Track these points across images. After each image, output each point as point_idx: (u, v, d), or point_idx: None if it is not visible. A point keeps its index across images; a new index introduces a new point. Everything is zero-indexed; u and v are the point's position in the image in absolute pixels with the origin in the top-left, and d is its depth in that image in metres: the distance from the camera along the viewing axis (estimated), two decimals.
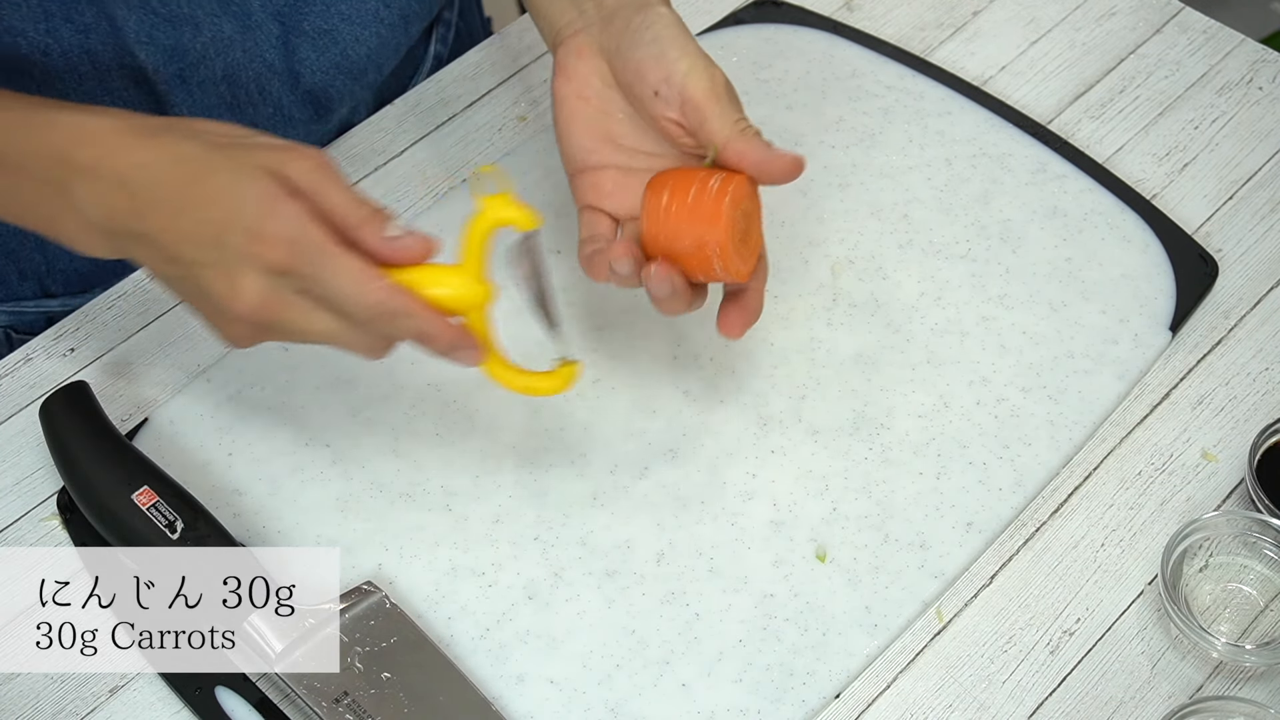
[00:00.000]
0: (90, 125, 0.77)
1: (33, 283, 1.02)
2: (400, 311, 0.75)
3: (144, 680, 0.81)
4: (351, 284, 0.74)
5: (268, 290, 0.74)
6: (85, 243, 0.79)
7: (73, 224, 0.78)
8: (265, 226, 0.73)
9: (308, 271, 0.74)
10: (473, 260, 0.78)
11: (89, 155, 0.76)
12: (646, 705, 0.80)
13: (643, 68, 0.84)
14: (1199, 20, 1.13)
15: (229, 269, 0.74)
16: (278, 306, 0.75)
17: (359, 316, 0.75)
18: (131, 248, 0.77)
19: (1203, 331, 0.96)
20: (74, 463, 0.84)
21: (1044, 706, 0.81)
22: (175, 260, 0.76)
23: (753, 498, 0.88)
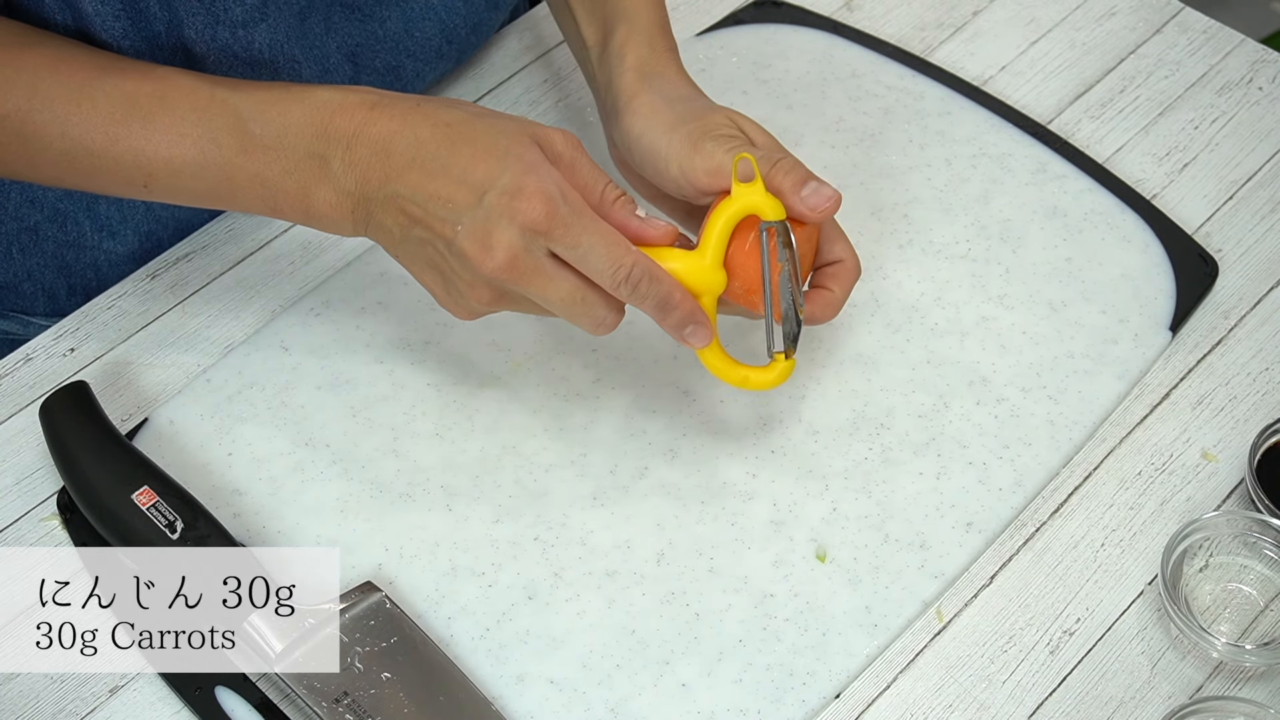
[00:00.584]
0: (350, 98, 0.80)
1: (80, 298, 1.02)
2: (650, 276, 0.78)
3: (144, 680, 0.81)
4: (607, 246, 0.77)
5: (520, 248, 0.76)
6: (333, 215, 0.81)
7: (325, 195, 0.80)
8: (527, 184, 0.76)
9: (564, 231, 0.76)
10: (715, 246, 0.80)
11: (349, 124, 0.79)
12: (646, 705, 0.80)
13: (644, 173, 0.86)
14: (1199, 20, 1.13)
15: (485, 225, 0.76)
16: (527, 266, 0.77)
17: (610, 279, 0.77)
18: (379, 214, 0.79)
19: (1203, 331, 0.96)
20: (74, 463, 0.84)
21: (1044, 706, 0.81)
22: (425, 222, 0.78)
23: (753, 498, 0.88)
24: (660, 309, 0.79)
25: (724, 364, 0.83)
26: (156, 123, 0.81)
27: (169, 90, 0.82)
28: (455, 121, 0.79)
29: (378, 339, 0.94)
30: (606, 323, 0.80)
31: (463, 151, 0.77)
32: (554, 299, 0.78)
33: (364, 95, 0.81)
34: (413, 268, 0.81)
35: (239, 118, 0.81)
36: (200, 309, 0.96)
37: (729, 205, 0.80)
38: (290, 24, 0.89)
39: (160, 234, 0.99)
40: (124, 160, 0.82)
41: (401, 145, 0.78)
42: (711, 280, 0.81)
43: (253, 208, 0.83)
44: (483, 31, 1.04)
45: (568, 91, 1.08)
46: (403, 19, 0.97)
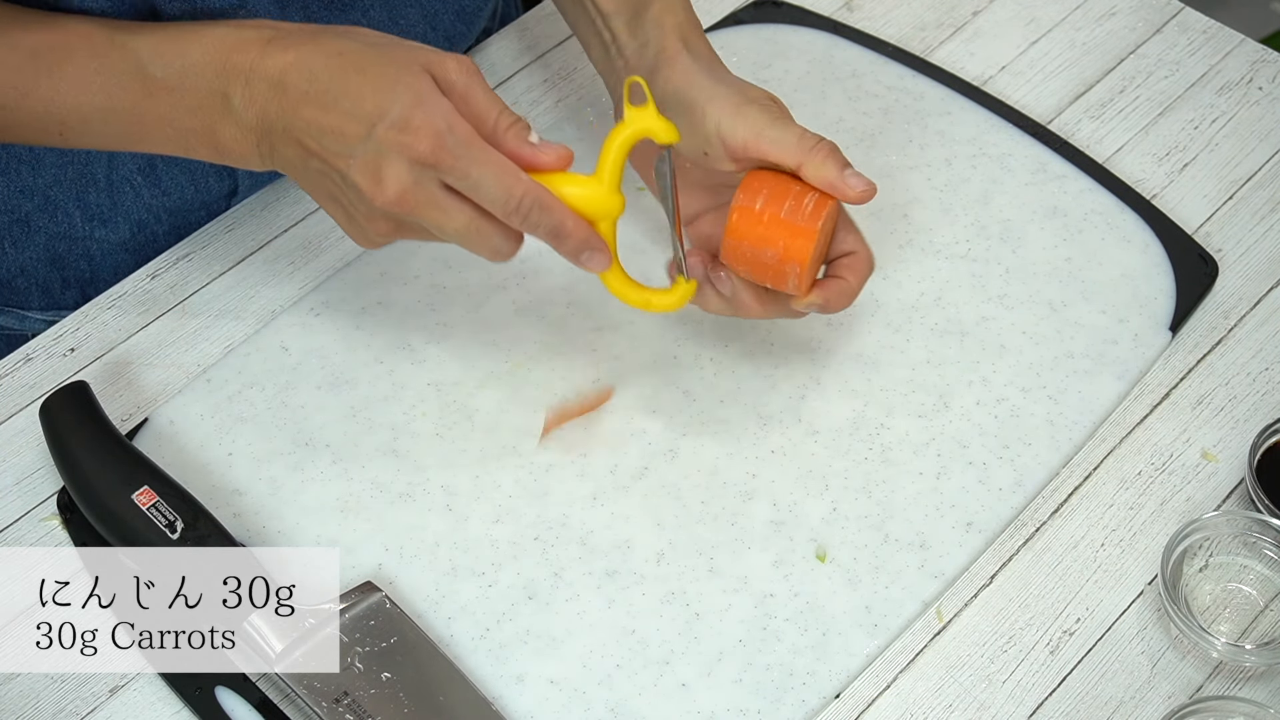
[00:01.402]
0: (246, 33, 0.81)
1: (75, 291, 1.03)
2: (542, 204, 0.78)
3: (144, 680, 0.81)
4: (497, 176, 0.77)
5: (411, 181, 0.76)
6: (240, 150, 0.82)
7: (230, 131, 0.81)
8: (414, 117, 0.76)
9: (453, 163, 0.76)
10: (610, 171, 0.80)
11: (246, 60, 0.80)
12: (646, 705, 0.80)
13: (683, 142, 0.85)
14: (1199, 20, 1.13)
15: (375, 159, 0.76)
16: (419, 199, 0.77)
17: (501, 208, 0.77)
18: (281, 148, 0.80)
19: (1203, 331, 0.96)
20: (74, 463, 0.84)
21: (1044, 706, 0.81)
22: (320, 154, 0.78)
23: (753, 498, 0.88)
24: (554, 236, 0.79)
25: (626, 287, 0.84)
26: (61, 72, 0.83)
27: (71, 40, 0.83)
28: (348, 51, 0.79)
29: (378, 339, 0.94)
30: (503, 251, 0.80)
31: (353, 82, 0.78)
32: (449, 229, 0.78)
33: (260, 30, 0.81)
34: (316, 198, 0.82)
35: (139, 61, 0.82)
36: (200, 309, 0.96)
37: (622, 129, 0.80)
38: (269, 12, 0.89)
39: (152, 224, 1.00)
40: (36, 111, 0.83)
41: (296, 78, 0.79)
42: (608, 204, 0.81)
43: (166, 148, 0.84)
44: (470, 18, 1.04)
45: (568, 91, 1.08)
46: (385, 6, 0.97)
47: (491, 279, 0.96)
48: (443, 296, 0.95)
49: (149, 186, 0.98)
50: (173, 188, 0.99)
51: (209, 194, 1.00)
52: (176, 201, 0.99)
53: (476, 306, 0.95)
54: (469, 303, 0.95)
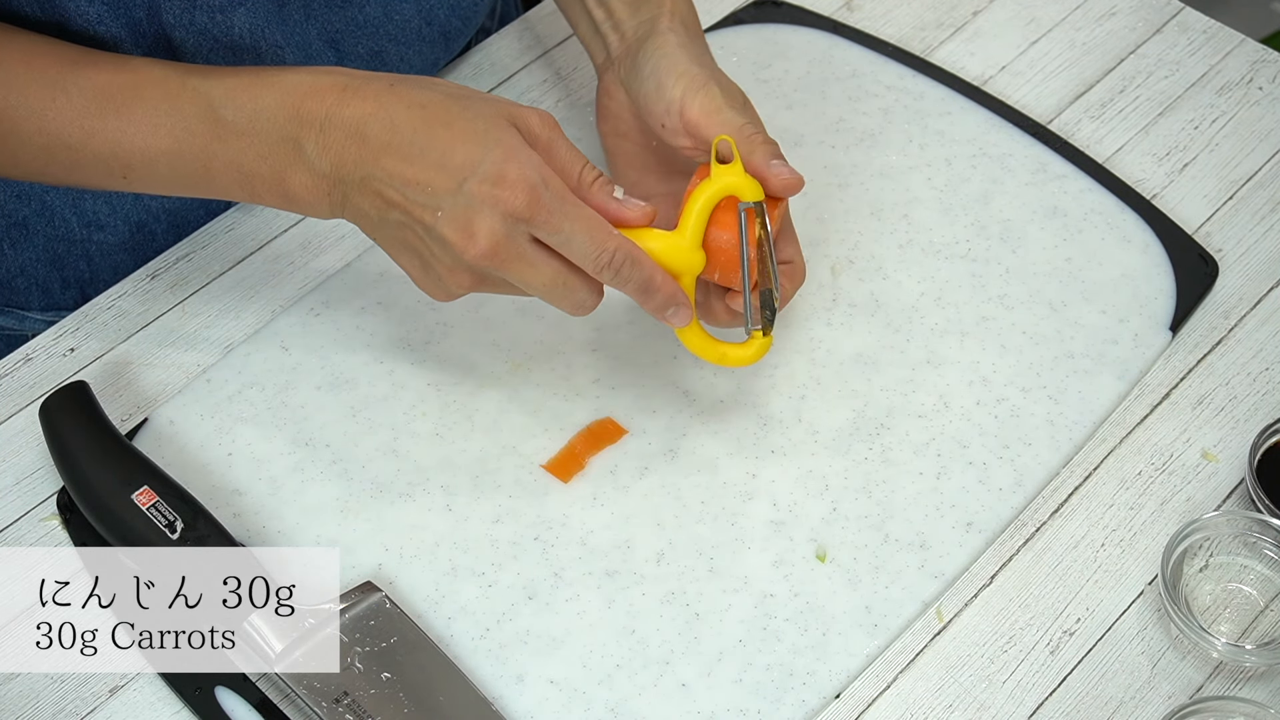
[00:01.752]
0: (322, 81, 0.80)
1: (74, 291, 1.03)
2: (633, 260, 0.78)
3: (144, 680, 0.81)
4: (589, 231, 0.77)
5: (503, 235, 0.76)
6: (309, 198, 0.81)
7: (300, 178, 0.80)
8: (508, 171, 0.76)
9: (546, 218, 0.76)
10: (695, 227, 0.81)
11: (321, 107, 0.79)
12: (646, 705, 0.80)
13: (648, 103, 0.86)
14: (1199, 20, 1.13)
15: (466, 212, 0.76)
16: (509, 253, 0.77)
17: (593, 263, 0.77)
18: (355, 198, 0.79)
19: (1203, 331, 0.96)
20: (74, 463, 0.84)
21: (1044, 706, 0.81)
22: (402, 206, 0.78)
23: (753, 498, 0.88)
24: (643, 292, 0.80)
25: (703, 342, 0.84)
26: (130, 114, 0.82)
27: (141, 81, 0.82)
28: (430, 103, 0.79)
29: (378, 339, 0.94)
30: (586, 305, 0.80)
31: (440, 135, 0.77)
32: (536, 284, 0.78)
33: (336, 77, 0.81)
34: (390, 250, 0.82)
35: (211, 105, 0.81)
36: (200, 309, 0.96)
37: (708, 185, 0.81)
38: (268, 9, 0.89)
39: (151, 224, 1.00)
40: (101, 153, 0.82)
41: (376, 128, 0.78)
42: (691, 260, 0.81)
43: (231, 194, 0.83)
44: (467, 15, 1.04)
45: (568, 91, 1.08)
46: (381, 3, 0.97)
47: None
48: None
49: None
50: None
51: None
52: (176, 203, 0.99)
53: (476, 306, 0.95)
54: (469, 303, 0.95)
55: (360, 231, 0.82)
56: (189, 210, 1.00)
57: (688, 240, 0.81)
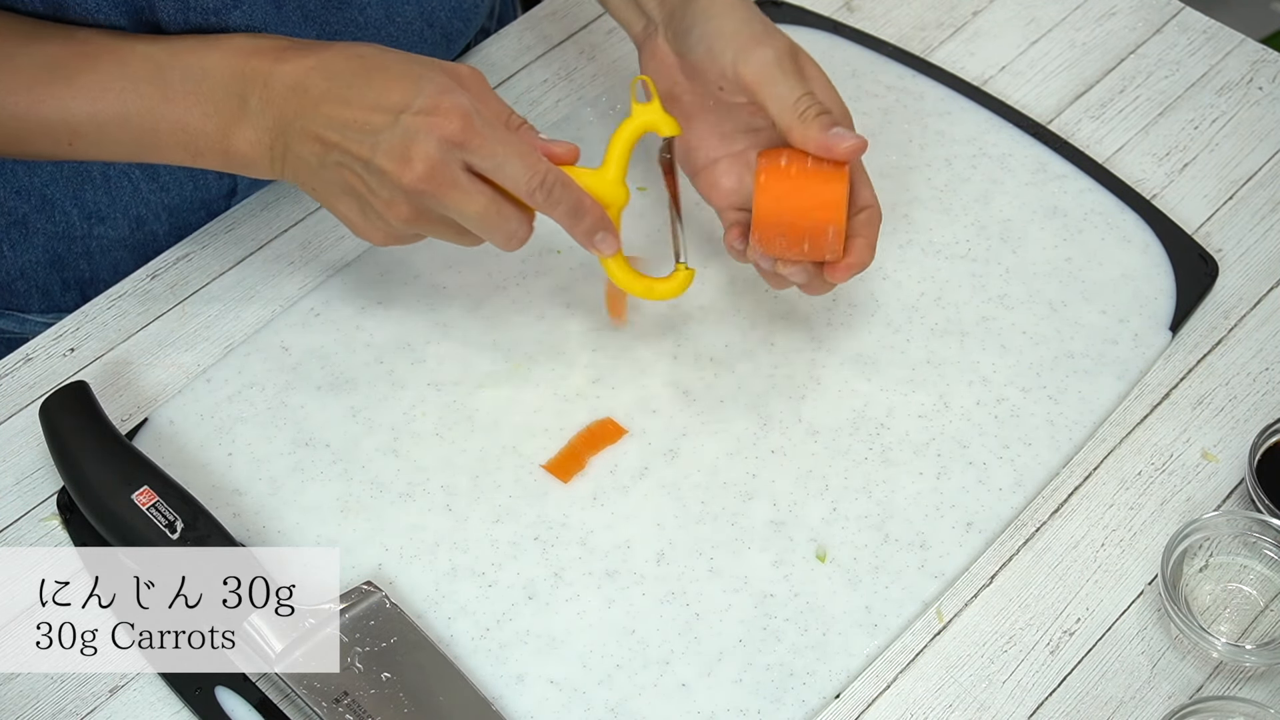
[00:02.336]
0: (264, 42, 0.84)
1: (74, 293, 1.03)
2: (563, 183, 0.81)
3: (144, 680, 0.81)
4: (521, 155, 0.80)
5: (439, 160, 0.79)
6: (252, 154, 0.84)
7: (244, 133, 0.83)
8: (442, 101, 0.79)
9: (480, 142, 0.79)
10: (617, 162, 0.85)
11: (264, 64, 0.83)
12: (646, 705, 0.80)
13: (701, 67, 0.87)
14: (1199, 20, 1.13)
15: (403, 141, 0.79)
16: (444, 178, 0.79)
17: (525, 186, 0.80)
18: (296, 145, 0.82)
19: (1203, 331, 0.96)
20: (74, 463, 0.84)
21: (1044, 706, 0.81)
22: (341, 145, 0.81)
23: (753, 498, 0.88)
24: (573, 214, 0.82)
25: (629, 275, 0.87)
26: (79, 81, 0.84)
27: (90, 50, 0.85)
28: (368, 54, 0.82)
29: (378, 339, 0.94)
30: (518, 235, 0.82)
31: (376, 79, 0.81)
32: (470, 211, 0.80)
33: (277, 40, 0.84)
34: (329, 196, 0.84)
35: (159, 67, 0.84)
36: (200, 309, 0.96)
37: (628, 123, 0.85)
38: (265, 10, 0.90)
39: (151, 220, 1.00)
40: (48, 119, 0.84)
41: (316, 79, 0.81)
42: (615, 194, 0.84)
43: (174, 156, 0.86)
44: (467, 16, 1.04)
45: (568, 91, 1.08)
46: (383, 4, 0.97)
47: (491, 279, 0.96)
48: (443, 296, 0.95)
49: (147, 181, 0.98)
50: (171, 184, 0.99)
51: (208, 192, 1.00)
52: (175, 199, 0.99)
53: (476, 306, 0.95)
54: (469, 303, 0.95)
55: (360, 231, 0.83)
56: (189, 209, 1.00)
57: (612, 174, 0.84)
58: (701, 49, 0.86)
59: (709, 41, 0.86)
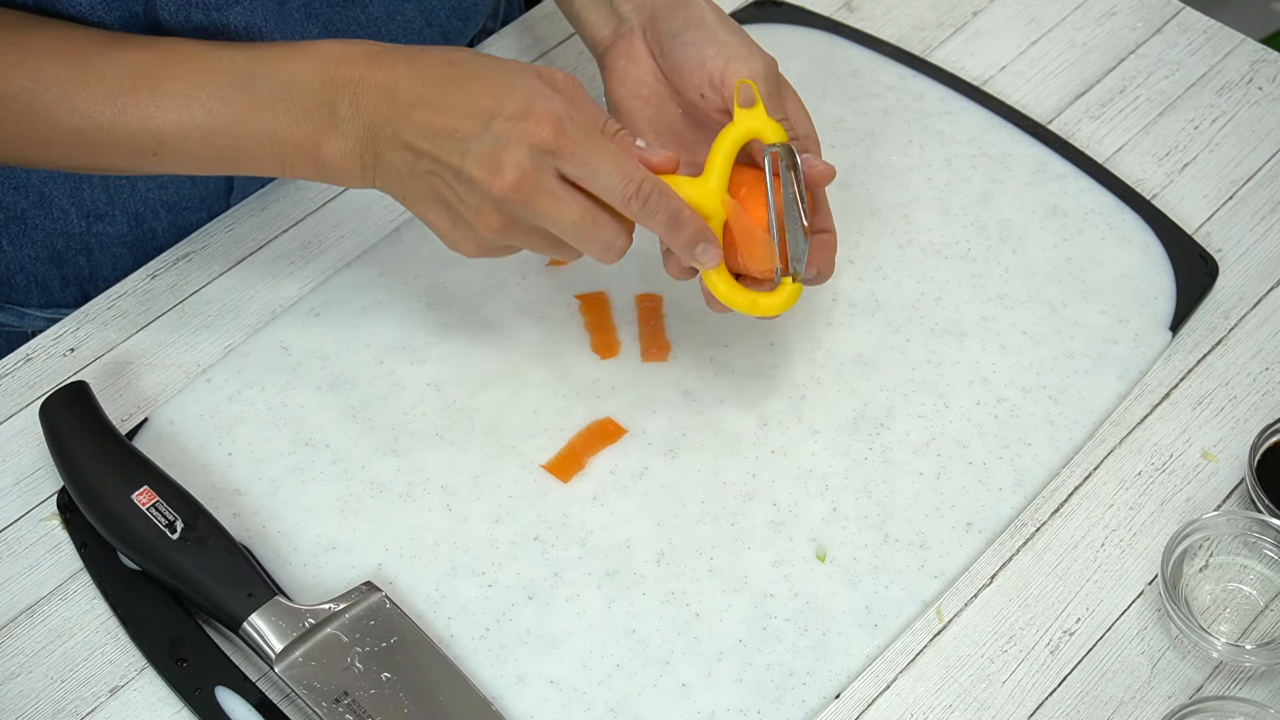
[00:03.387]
0: (353, 48, 0.82)
1: (74, 289, 1.03)
2: (660, 191, 0.78)
3: (144, 680, 0.81)
4: (616, 162, 0.78)
5: (530, 166, 0.77)
6: (343, 163, 0.82)
7: (334, 142, 0.81)
8: (534, 107, 0.77)
9: (573, 149, 0.77)
10: (719, 172, 0.81)
11: (354, 71, 0.81)
12: (646, 705, 0.80)
13: (685, 70, 0.87)
14: (1199, 20, 1.13)
15: (493, 149, 0.77)
16: (535, 187, 0.77)
17: (620, 194, 0.78)
18: (387, 154, 0.80)
19: (1203, 331, 0.96)
20: (74, 463, 0.84)
21: (1044, 706, 0.81)
22: (431, 154, 0.79)
23: (753, 498, 0.88)
24: (671, 224, 0.79)
25: (731, 288, 0.83)
26: (163, 89, 0.82)
27: (173, 57, 0.83)
28: (459, 60, 0.81)
29: (378, 339, 0.94)
30: (616, 246, 0.80)
31: (468, 85, 0.79)
32: (564, 220, 0.78)
33: (367, 45, 0.82)
34: (419, 205, 0.82)
35: (245, 76, 0.82)
36: (200, 309, 0.96)
37: (731, 130, 0.82)
38: (267, 7, 0.90)
39: (150, 217, 1.00)
40: (133, 129, 0.83)
41: (407, 85, 0.80)
42: (716, 204, 0.81)
43: (262, 167, 0.84)
44: (468, 15, 1.04)
45: None
46: (383, 3, 0.97)
47: (491, 279, 0.96)
48: (443, 296, 0.96)
49: (145, 179, 0.98)
50: (169, 180, 0.99)
51: (206, 189, 1.00)
52: (174, 196, 0.99)
53: (476, 306, 0.95)
54: (469, 303, 0.95)
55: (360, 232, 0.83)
56: (188, 207, 1.00)
57: (714, 184, 0.81)
58: (691, 52, 0.86)
59: (700, 47, 0.86)
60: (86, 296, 1.02)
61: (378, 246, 0.98)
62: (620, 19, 0.91)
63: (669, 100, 0.89)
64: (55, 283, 1.03)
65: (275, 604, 0.79)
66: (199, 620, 0.82)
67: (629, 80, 0.89)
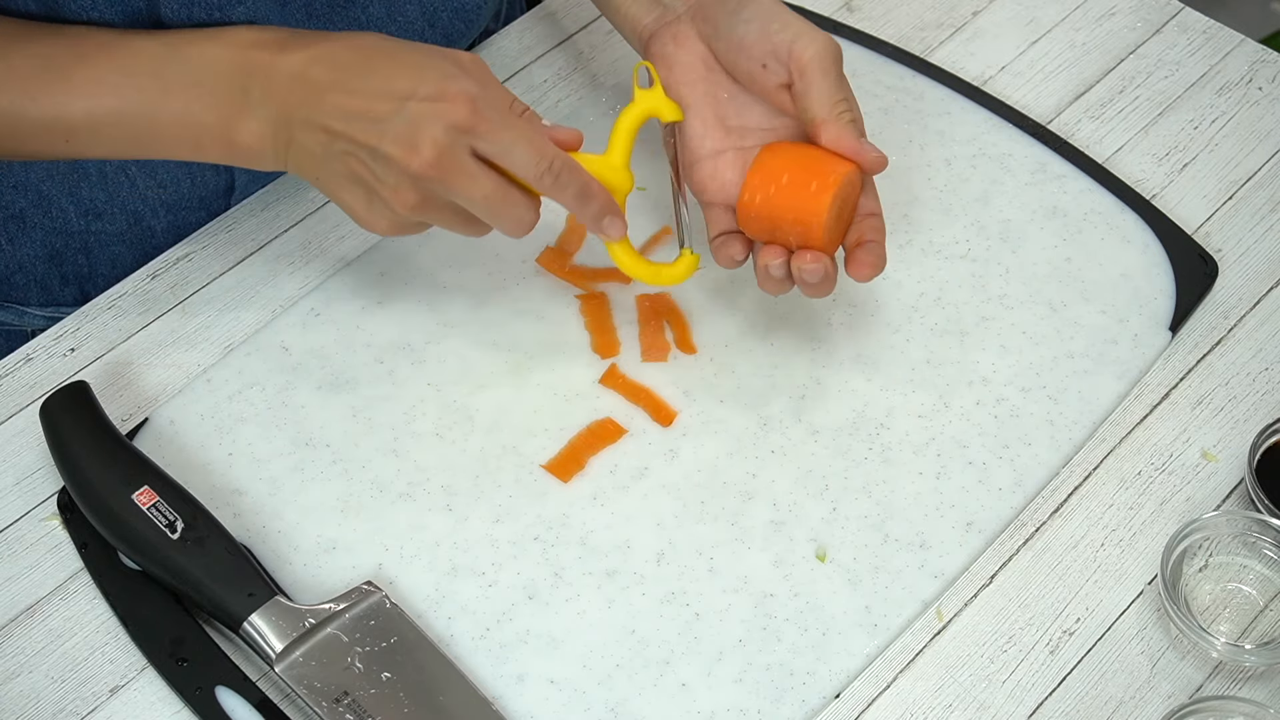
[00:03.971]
0: (265, 34, 0.84)
1: (73, 287, 1.03)
2: (570, 166, 0.81)
3: (144, 680, 0.81)
4: (528, 139, 0.80)
5: (446, 145, 0.79)
6: (256, 145, 0.83)
7: (247, 125, 0.83)
8: (449, 87, 0.79)
9: (488, 128, 0.79)
10: (620, 149, 0.85)
11: (266, 56, 0.82)
12: (646, 705, 0.80)
13: (746, 43, 0.87)
14: (1199, 20, 1.13)
15: (410, 128, 0.79)
16: (452, 163, 0.79)
17: (533, 169, 0.80)
18: (300, 136, 0.82)
19: (1203, 331, 0.96)
20: (74, 463, 0.84)
21: (1044, 706, 0.81)
22: (347, 134, 0.80)
23: (753, 498, 0.88)
24: (580, 198, 0.82)
25: (635, 260, 0.87)
26: (75, 76, 0.84)
27: (85, 46, 0.84)
28: (370, 44, 0.82)
29: (378, 339, 0.94)
30: (525, 221, 0.82)
31: (381, 67, 0.81)
32: (477, 197, 0.80)
33: (279, 30, 0.84)
34: (334, 186, 0.83)
35: (157, 61, 0.83)
36: (200, 309, 0.96)
37: (631, 109, 0.85)
38: (269, 7, 0.90)
39: (149, 216, 1.00)
40: (44, 116, 0.84)
41: (320, 70, 0.81)
42: (620, 179, 0.85)
43: (175, 151, 0.85)
44: (470, 17, 1.04)
45: (569, 91, 1.08)
46: (384, 3, 0.97)
47: (492, 278, 0.96)
48: (443, 296, 0.96)
49: (144, 177, 0.98)
50: (169, 180, 0.99)
51: (205, 188, 1.00)
52: (173, 195, 0.99)
53: (476, 306, 0.95)
54: (469, 303, 0.95)
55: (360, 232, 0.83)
56: (187, 206, 1.00)
57: (617, 159, 0.85)
58: (755, 26, 0.87)
59: (764, 21, 0.87)
60: (86, 295, 1.02)
61: (378, 246, 0.98)
62: (665, 7, 0.92)
63: (715, 86, 0.90)
64: (54, 281, 1.03)
65: (275, 604, 0.79)
66: (199, 620, 0.82)
67: (676, 65, 0.90)
